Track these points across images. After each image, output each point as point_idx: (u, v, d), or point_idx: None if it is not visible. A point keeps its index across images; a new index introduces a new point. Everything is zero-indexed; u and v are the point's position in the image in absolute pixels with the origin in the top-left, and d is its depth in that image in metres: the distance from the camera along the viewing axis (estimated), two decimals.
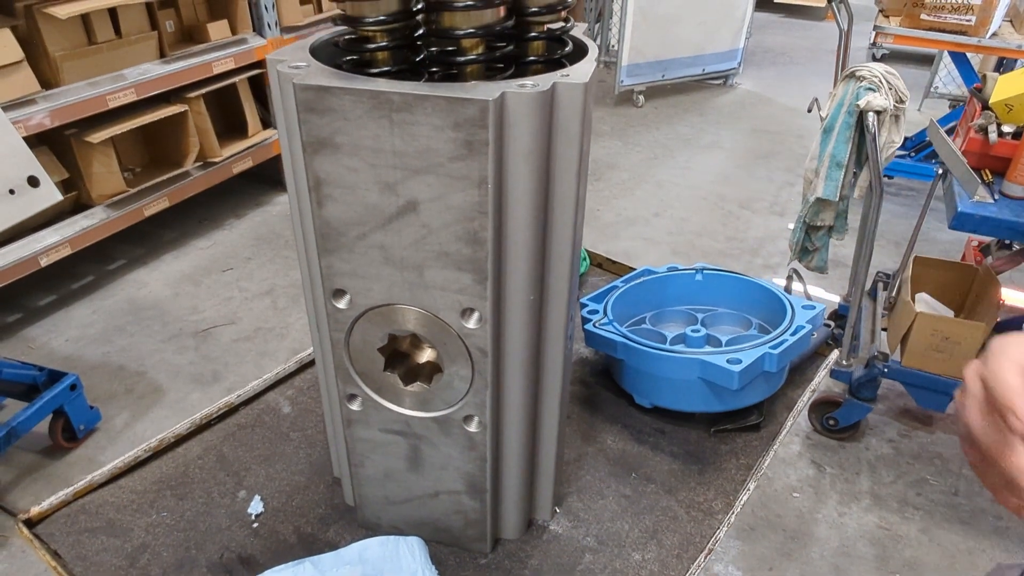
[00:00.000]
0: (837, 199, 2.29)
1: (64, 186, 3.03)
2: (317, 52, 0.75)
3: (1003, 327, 2.49)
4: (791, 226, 3.86)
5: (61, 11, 2.61)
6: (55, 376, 2.37)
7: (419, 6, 0.70)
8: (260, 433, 1.10)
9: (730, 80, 5.74)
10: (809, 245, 2.51)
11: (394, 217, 0.68)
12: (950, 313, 2.55)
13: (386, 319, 0.75)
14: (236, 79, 3.46)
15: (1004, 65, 4.39)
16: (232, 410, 1.13)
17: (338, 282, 0.74)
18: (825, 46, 6.75)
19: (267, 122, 3.86)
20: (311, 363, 1.24)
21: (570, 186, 0.70)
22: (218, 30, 3.36)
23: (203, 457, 1.05)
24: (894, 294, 2.62)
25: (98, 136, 2.88)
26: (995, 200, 2.03)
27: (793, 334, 1.06)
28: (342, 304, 0.75)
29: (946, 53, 4.34)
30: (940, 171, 2.27)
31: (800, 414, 1.14)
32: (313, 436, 1.09)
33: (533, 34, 0.72)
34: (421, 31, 0.71)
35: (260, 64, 3.61)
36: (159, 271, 3.41)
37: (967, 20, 3.44)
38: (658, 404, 1.12)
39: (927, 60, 5.46)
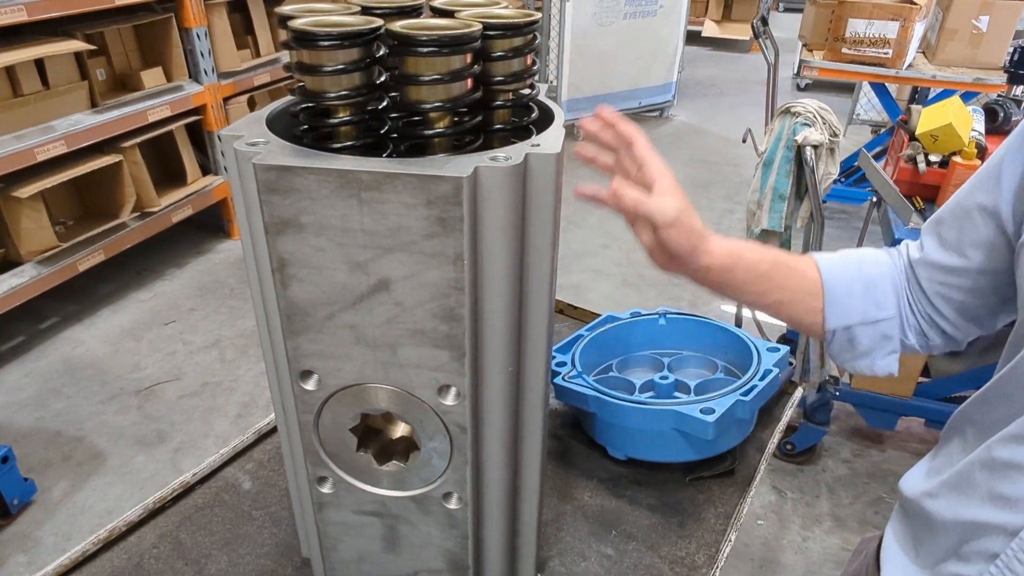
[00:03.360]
0: (782, 229, 2.36)
1: None
2: (273, 123, 0.72)
3: None
4: None
5: None
6: None
7: (383, 79, 0.68)
8: (220, 514, 1.03)
9: (666, 112, 5.91)
10: None
11: (365, 296, 0.65)
12: None
13: (358, 399, 0.72)
14: (173, 127, 3.37)
15: (919, 92, 4.66)
16: (188, 490, 1.07)
17: (306, 363, 0.70)
18: (752, 77, 7.03)
19: (206, 169, 3.77)
20: (270, 433, 1.19)
21: (545, 255, 0.69)
22: (152, 77, 3.28)
23: (158, 545, 0.98)
24: None
25: (26, 191, 2.75)
26: None
27: (762, 379, 1.07)
28: (310, 385, 0.72)
29: (866, 83, 4.58)
30: (875, 199, 2.37)
31: (771, 456, 1.15)
32: (278, 513, 1.04)
33: (499, 102, 0.71)
34: (385, 103, 0.70)
35: (197, 111, 3.53)
36: (96, 327, 3.26)
37: (884, 53, 3.63)
38: (632, 456, 1.10)
39: (848, 88, 5.73)
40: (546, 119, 0.74)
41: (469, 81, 0.66)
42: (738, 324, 2.61)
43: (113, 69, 3.25)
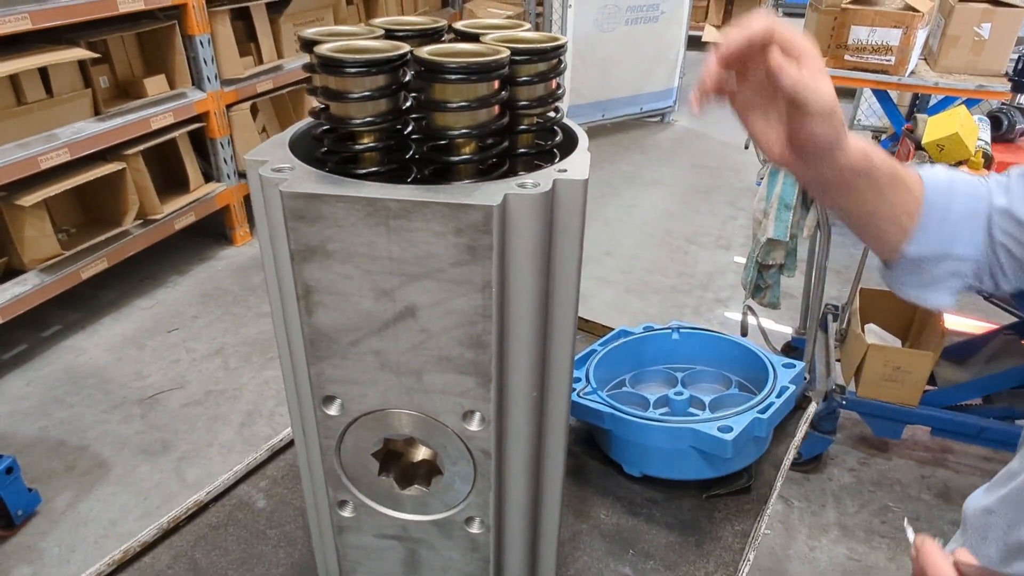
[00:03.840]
0: (787, 239, 2.36)
1: None
2: (295, 146, 0.72)
3: (949, 352, 2.60)
4: (737, 259, 3.96)
5: None
6: None
7: (408, 104, 0.68)
8: (234, 533, 1.03)
9: (667, 118, 5.92)
10: (761, 283, 2.58)
11: (391, 323, 0.65)
12: (897, 342, 2.64)
13: (381, 424, 0.71)
14: (176, 134, 3.37)
15: (919, 99, 4.67)
16: (202, 508, 1.06)
17: (329, 389, 0.70)
18: None
19: (209, 175, 3.77)
20: (283, 449, 1.18)
21: (570, 279, 0.68)
22: (155, 85, 3.27)
23: (173, 566, 0.98)
24: (844, 326, 2.70)
25: (30, 199, 2.74)
26: None
27: (779, 396, 1.06)
28: (333, 411, 0.71)
29: (867, 89, 4.59)
30: None
31: (787, 472, 1.14)
32: (292, 532, 1.03)
33: (524, 127, 0.71)
34: (411, 128, 0.69)
35: (200, 118, 3.53)
36: (98, 335, 3.25)
37: (887, 60, 3.64)
38: (648, 473, 1.10)
39: (849, 94, 5.74)
40: (570, 142, 0.74)
41: (496, 107, 0.65)
42: (744, 333, 2.61)
43: (116, 77, 3.25)
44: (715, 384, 1.25)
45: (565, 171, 0.65)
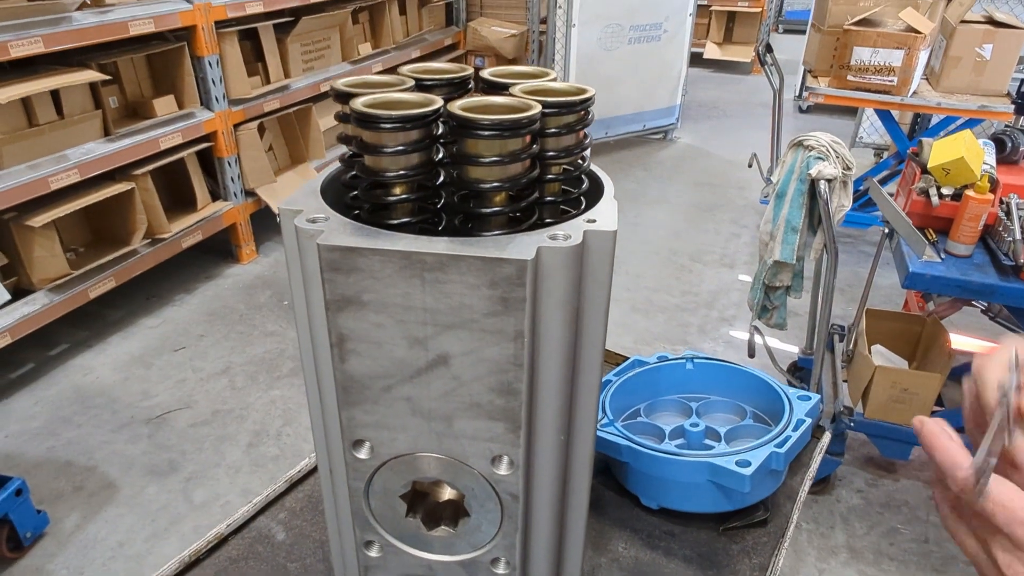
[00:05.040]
0: (794, 261, 2.37)
1: (2, 272, 2.88)
2: (326, 193, 0.73)
3: (956, 373, 2.61)
4: (742, 277, 3.98)
5: (0, 95, 2.52)
6: None
7: (440, 156, 0.69)
8: (255, 567, 1.03)
9: (670, 135, 5.95)
10: (768, 304, 2.59)
11: (423, 371, 0.66)
12: (904, 363, 2.65)
13: (410, 467, 0.72)
14: (184, 154, 3.39)
15: (921, 118, 4.70)
16: (222, 541, 1.07)
17: (359, 433, 0.71)
18: (754, 99, 7.08)
19: (216, 194, 3.79)
20: (301, 480, 1.19)
21: (598, 325, 0.69)
22: (164, 105, 3.30)
23: None
24: (851, 347, 2.71)
25: (40, 220, 2.76)
26: (942, 259, 2.14)
27: (795, 429, 1.07)
28: (363, 454, 0.72)
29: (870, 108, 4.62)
30: (887, 230, 2.39)
31: (803, 504, 1.15)
32: (313, 566, 1.04)
33: (552, 176, 0.72)
34: (442, 178, 0.71)
35: (208, 137, 3.55)
36: (106, 354, 3.26)
37: (890, 80, 3.67)
38: (665, 505, 1.11)
39: (850, 111, 5.79)
40: (596, 188, 0.76)
41: (528, 160, 0.67)
42: (751, 354, 2.62)
43: (126, 97, 3.28)
44: (730, 415, 1.26)
45: (594, 221, 0.66)
